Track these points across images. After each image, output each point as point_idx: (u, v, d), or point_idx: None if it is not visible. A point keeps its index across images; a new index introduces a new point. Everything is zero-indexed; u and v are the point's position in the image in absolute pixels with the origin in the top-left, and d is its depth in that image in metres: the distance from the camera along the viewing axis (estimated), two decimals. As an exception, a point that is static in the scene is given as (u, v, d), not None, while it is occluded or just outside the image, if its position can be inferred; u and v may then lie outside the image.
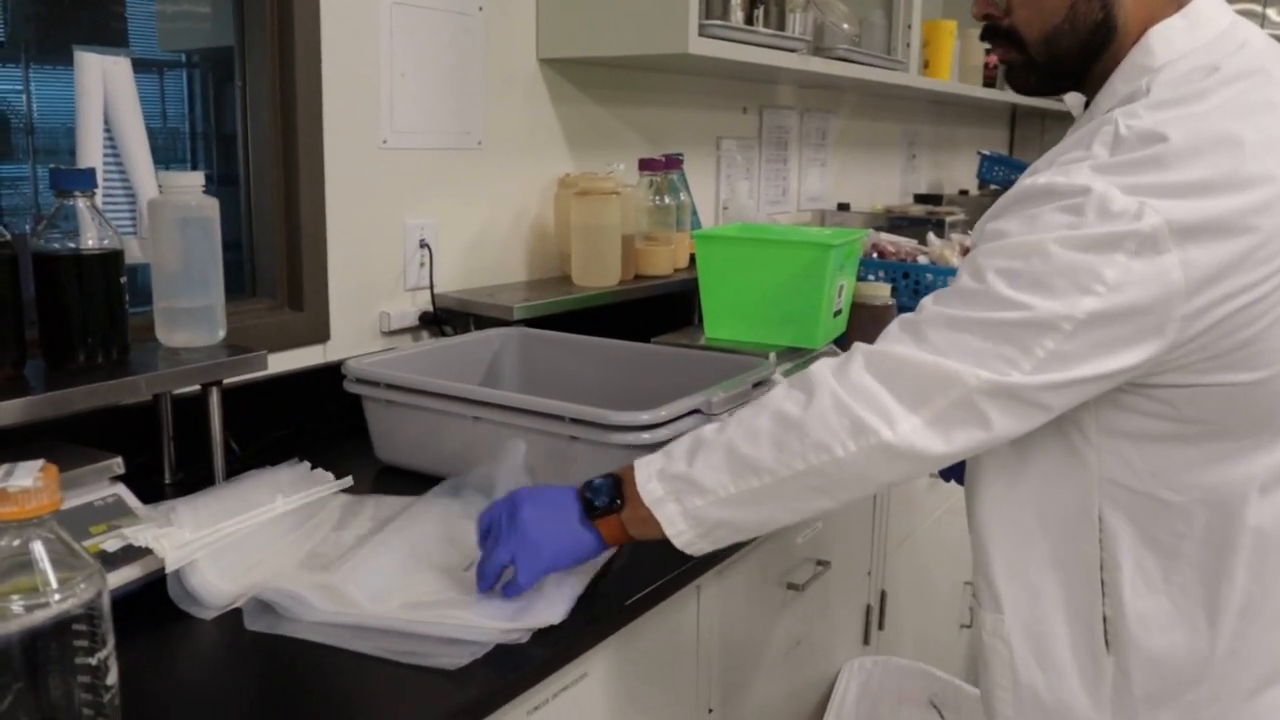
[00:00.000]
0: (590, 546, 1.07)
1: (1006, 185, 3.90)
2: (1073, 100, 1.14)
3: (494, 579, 1.07)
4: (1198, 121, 0.90)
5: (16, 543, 0.75)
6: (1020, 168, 3.94)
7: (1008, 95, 3.75)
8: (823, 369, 0.97)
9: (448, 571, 1.14)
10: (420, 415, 1.42)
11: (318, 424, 1.65)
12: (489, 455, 1.34)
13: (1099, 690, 1.05)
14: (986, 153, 3.97)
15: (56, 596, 0.75)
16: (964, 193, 4.10)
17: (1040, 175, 0.94)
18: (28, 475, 0.75)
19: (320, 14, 1.62)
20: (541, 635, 1.01)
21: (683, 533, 1.02)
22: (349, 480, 1.33)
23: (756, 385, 1.47)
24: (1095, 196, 0.89)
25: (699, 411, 1.34)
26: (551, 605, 1.05)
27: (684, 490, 1.01)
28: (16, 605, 0.73)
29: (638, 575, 1.18)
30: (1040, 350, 0.90)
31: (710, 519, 1.01)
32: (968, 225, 3.04)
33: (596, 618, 1.08)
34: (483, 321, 1.83)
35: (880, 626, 1.87)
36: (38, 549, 0.75)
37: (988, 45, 1.09)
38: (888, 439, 0.91)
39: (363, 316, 1.76)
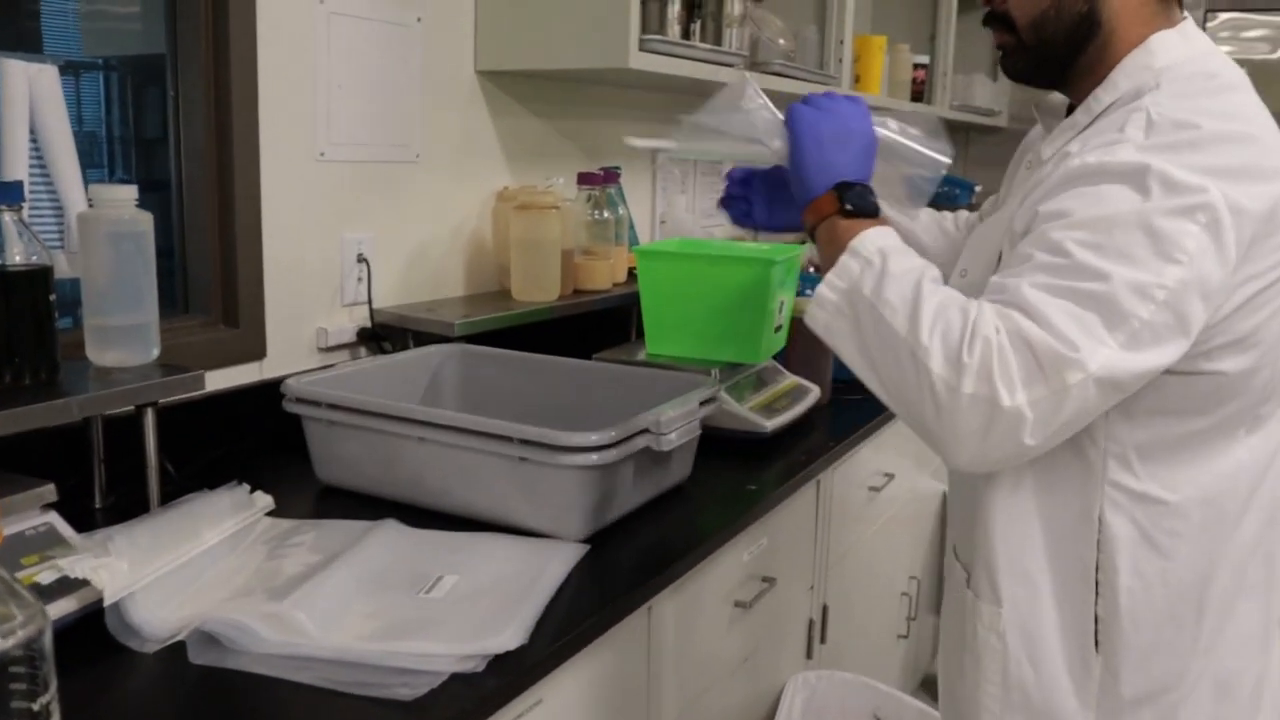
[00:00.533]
0: (814, 188, 1.13)
1: (933, 196, 3.97)
2: (1055, 101, 1.21)
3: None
4: (1219, 115, 0.99)
5: (-49, 581, 0.71)
6: (945, 179, 4.00)
7: (934, 108, 3.82)
8: (978, 308, 0.97)
9: (401, 598, 1.11)
10: (363, 435, 1.39)
11: (254, 443, 1.61)
12: (438, 472, 1.32)
13: (1086, 690, 1.10)
14: (914, 166, 4.03)
15: (-2, 638, 0.71)
16: (891, 205, 4.15)
17: (1087, 155, 0.99)
18: (-33, 511, 0.71)
19: (256, 24, 1.58)
20: (498, 662, 0.99)
21: (833, 288, 1.06)
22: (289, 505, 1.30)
23: (704, 403, 1.47)
24: (1156, 172, 0.94)
25: (648, 431, 1.33)
26: (507, 631, 1.03)
27: (874, 270, 1.03)
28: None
29: (590, 598, 1.16)
30: (1135, 321, 0.93)
31: (857, 307, 1.03)
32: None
33: (552, 642, 1.06)
34: (422, 338, 1.80)
35: (823, 640, 1.88)
36: (-18, 588, 0.71)
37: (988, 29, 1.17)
38: (1004, 403, 0.93)
39: (299, 333, 1.72)
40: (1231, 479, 1.07)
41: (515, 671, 1.00)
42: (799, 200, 1.16)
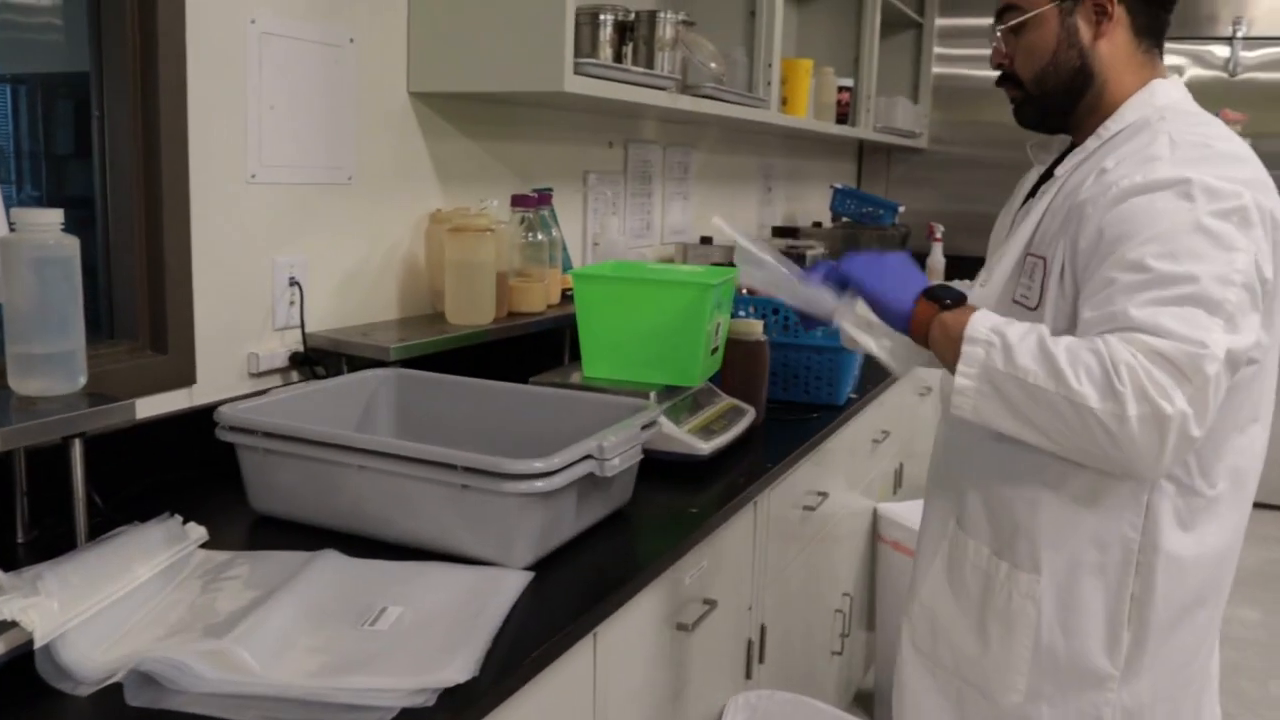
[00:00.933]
0: (904, 305, 1.29)
1: (857, 217, 4.04)
2: (1052, 140, 1.47)
3: (828, 273, 1.37)
4: (1224, 139, 1.24)
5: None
6: (868, 200, 4.08)
7: (857, 131, 3.89)
8: (1105, 341, 1.12)
9: (346, 631, 1.09)
10: (301, 464, 1.36)
11: (185, 472, 1.58)
12: (379, 501, 1.30)
13: (1114, 656, 1.28)
14: (839, 186, 4.10)
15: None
16: (817, 224, 4.21)
17: (1134, 175, 1.20)
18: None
19: (186, 43, 1.55)
20: (448, 695, 0.98)
21: (968, 375, 1.18)
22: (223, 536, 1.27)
23: (645, 428, 1.47)
24: (1197, 182, 1.15)
25: (591, 456, 1.32)
26: (456, 663, 1.02)
27: (997, 349, 1.17)
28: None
29: (538, 627, 1.16)
30: (1228, 305, 1.11)
31: (996, 383, 1.17)
32: (828, 258, 3.11)
33: (502, 673, 1.05)
34: (356, 362, 1.77)
35: (761, 660, 1.89)
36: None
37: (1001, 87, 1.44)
38: (1168, 412, 1.08)
39: (230, 358, 1.68)
40: (1244, 470, 1.28)
41: (466, 704, 0.98)
42: (898, 325, 1.31)
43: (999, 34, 1.40)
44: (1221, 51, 4.62)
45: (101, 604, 1.06)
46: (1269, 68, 4.58)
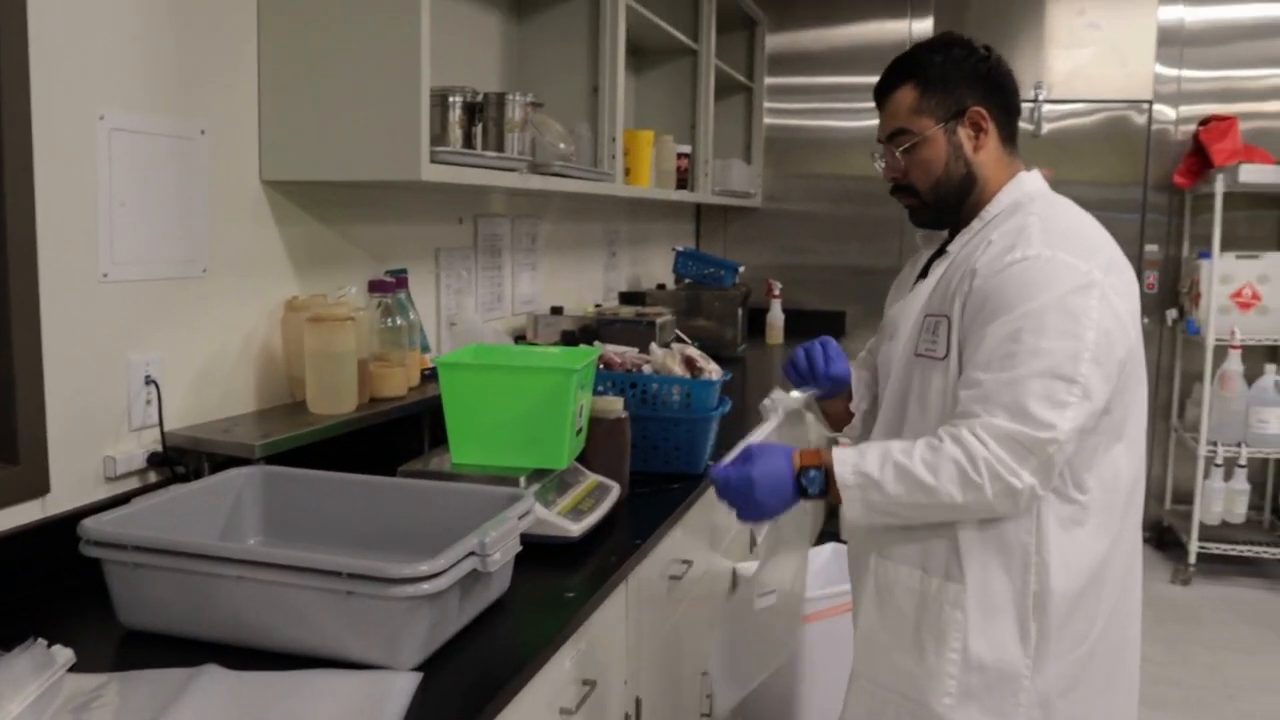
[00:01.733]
0: (790, 506, 1.56)
1: (699, 278, 4.16)
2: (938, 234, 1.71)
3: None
4: (1084, 225, 1.55)
5: None
6: (710, 261, 4.21)
7: (695, 196, 4.02)
8: (964, 436, 1.42)
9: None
10: (174, 577, 1.33)
11: (40, 588, 1.51)
12: (260, 610, 1.29)
13: (1027, 648, 1.51)
14: (681, 249, 4.22)
15: None
16: (661, 286, 4.32)
17: (1011, 251, 1.47)
18: None
19: (32, 142, 1.51)
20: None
21: (854, 512, 1.49)
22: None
23: (522, 517, 1.49)
24: (1062, 262, 1.44)
25: (474, 554, 1.34)
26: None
27: (869, 486, 1.46)
28: None
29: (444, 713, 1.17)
30: (1081, 378, 1.40)
31: (878, 509, 1.47)
32: (675, 326, 3.20)
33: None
34: (217, 460, 1.74)
35: (637, 733, 1.92)
36: None
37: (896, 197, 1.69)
38: (1018, 487, 1.41)
39: (85, 463, 1.63)
40: (1113, 481, 1.52)
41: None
42: (782, 510, 1.58)
43: (895, 154, 1.63)
44: (1027, 111, 4.96)
45: (-24, 747, 1.02)
46: (1066, 126, 4.95)
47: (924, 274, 1.68)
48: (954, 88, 1.60)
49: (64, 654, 1.27)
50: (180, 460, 1.75)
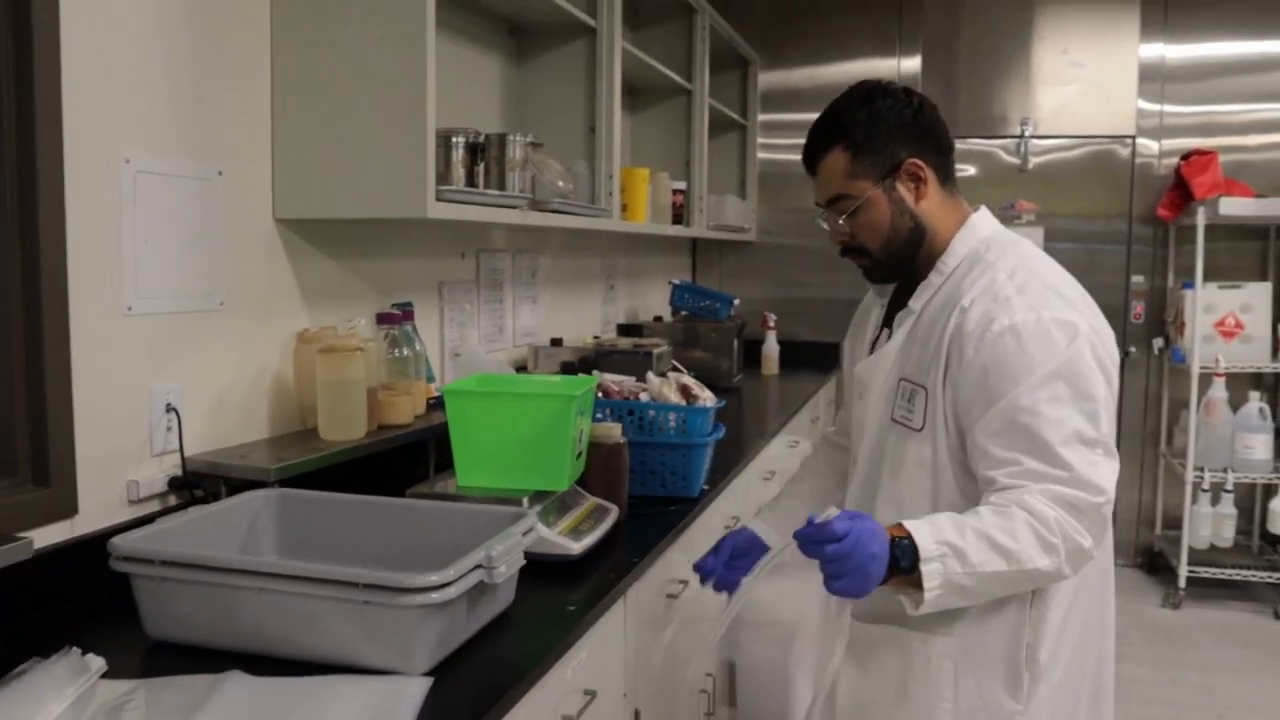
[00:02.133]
0: (879, 583, 1.38)
1: (695, 311, 4.26)
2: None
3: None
4: (1047, 270, 1.55)
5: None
6: (706, 294, 4.31)
7: (690, 231, 4.13)
8: (1028, 500, 1.40)
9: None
10: (200, 590, 1.42)
11: (70, 604, 1.60)
12: (280, 620, 1.38)
13: (1018, 698, 1.52)
14: (677, 282, 4.32)
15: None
16: (658, 319, 4.42)
17: (997, 319, 1.47)
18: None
19: (65, 186, 1.61)
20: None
21: (932, 588, 1.37)
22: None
23: (525, 534, 1.58)
24: (1049, 320, 1.45)
25: (481, 566, 1.43)
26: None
27: (950, 557, 1.37)
28: None
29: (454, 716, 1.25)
30: (1104, 435, 1.44)
31: (957, 584, 1.38)
32: (672, 357, 3.30)
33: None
34: (234, 483, 1.83)
35: (636, 745, 2.00)
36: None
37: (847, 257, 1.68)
38: (1086, 546, 1.42)
39: (110, 486, 1.72)
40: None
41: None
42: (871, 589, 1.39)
43: (840, 220, 1.61)
44: (1014, 146, 5.09)
45: (24, 742, 1.10)
46: (1052, 160, 5.08)
47: (887, 323, 1.69)
48: (885, 143, 1.56)
49: (96, 662, 1.36)
50: (199, 484, 1.84)
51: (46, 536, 1.61)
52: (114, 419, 1.73)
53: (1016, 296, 1.48)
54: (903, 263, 1.63)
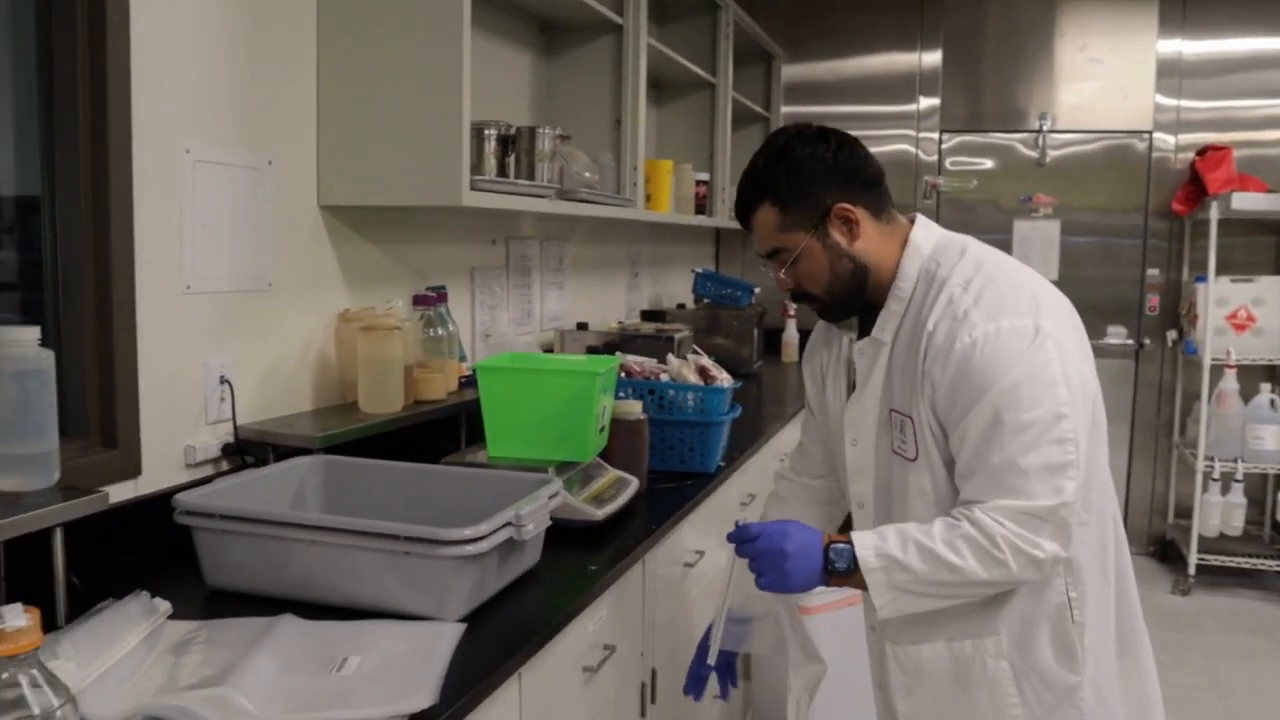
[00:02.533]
0: (815, 582, 1.52)
1: (717, 298, 4.38)
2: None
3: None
4: (1002, 272, 1.55)
5: (5, 675, 0.88)
6: (727, 282, 4.43)
7: (712, 220, 4.25)
8: (978, 516, 1.45)
9: (318, 678, 1.30)
10: (255, 542, 1.56)
11: (133, 555, 1.75)
12: (328, 570, 1.52)
13: (1075, 670, 1.56)
14: (700, 270, 4.44)
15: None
16: (681, 306, 4.55)
17: (959, 338, 1.49)
18: (18, 616, 0.88)
19: (132, 173, 1.75)
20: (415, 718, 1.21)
21: (881, 597, 1.47)
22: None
23: (551, 498, 1.72)
24: (1007, 328, 1.47)
25: (510, 524, 1.57)
26: (420, 694, 1.24)
27: (894, 568, 1.46)
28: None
29: (474, 669, 1.38)
30: (1070, 437, 1.45)
31: (905, 588, 1.47)
32: (693, 342, 3.42)
33: (452, 702, 1.27)
34: (281, 450, 1.97)
35: (653, 700, 2.13)
36: (29, 680, 0.88)
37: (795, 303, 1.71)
38: (1041, 557, 1.44)
39: (170, 451, 1.87)
40: (1096, 497, 1.58)
41: (430, 727, 1.21)
42: (808, 586, 1.53)
43: (780, 273, 1.65)
44: (1032, 140, 5.18)
45: (108, 664, 1.25)
46: (1069, 154, 5.17)
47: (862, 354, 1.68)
48: (809, 193, 1.58)
49: (164, 604, 1.50)
50: (249, 450, 1.98)
51: (114, 494, 1.75)
52: (173, 389, 1.87)
53: (974, 309, 1.50)
54: (851, 301, 1.64)
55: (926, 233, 1.64)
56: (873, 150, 1.67)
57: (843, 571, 1.49)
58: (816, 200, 1.58)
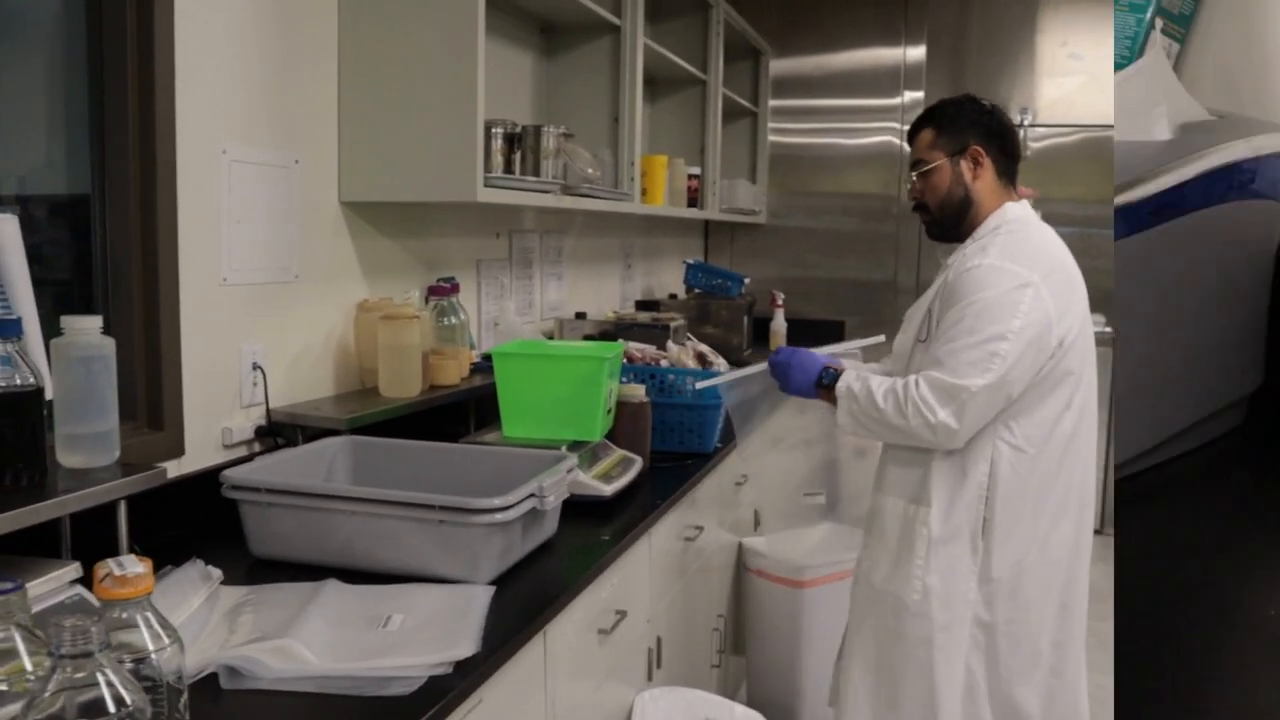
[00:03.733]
0: (812, 395, 2.12)
1: (708, 289, 4.53)
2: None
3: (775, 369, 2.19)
4: (1038, 241, 2.04)
5: (125, 615, 1.02)
6: (718, 273, 4.58)
7: (704, 213, 4.39)
8: (910, 380, 1.96)
9: (367, 633, 1.44)
10: (299, 514, 1.70)
11: (179, 530, 1.88)
12: (367, 538, 1.65)
13: (975, 557, 2.01)
14: (691, 261, 4.59)
15: (154, 659, 1.02)
16: (673, 296, 4.69)
17: (972, 260, 1.98)
18: (135, 564, 1.02)
19: (176, 174, 1.88)
20: (460, 666, 1.35)
21: (843, 412, 2.04)
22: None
23: (569, 472, 1.86)
24: (1004, 268, 1.93)
25: (534, 495, 1.71)
26: (463, 644, 1.38)
27: (851, 398, 2.02)
28: (129, 664, 1.00)
29: (505, 625, 1.53)
30: (1000, 354, 1.88)
31: (855, 415, 2.02)
32: (686, 330, 3.57)
33: (490, 652, 1.42)
34: (309, 431, 2.11)
35: (659, 665, 2.28)
36: (144, 620, 1.02)
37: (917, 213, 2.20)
38: (932, 421, 1.91)
39: (209, 432, 2.00)
40: (1050, 433, 1.99)
41: (472, 670, 1.35)
42: (806, 393, 2.14)
43: (915, 177, 2.13)
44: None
45: (179, 621, 1.38)
46: (1049, 147, 5.33)
47: None
48: (961, 130, 2.08)
49: (216, 572, 1.64)
50: (280, 432, 2.12)
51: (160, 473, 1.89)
52: (212, 375, 2.00)
53: (996, 250, 1.97)
54: (951, 224, 2.11)
55: (1019, 208, 2.09)
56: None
57: (826, 385, 2.07)
58: (963, 137, 2.07)
